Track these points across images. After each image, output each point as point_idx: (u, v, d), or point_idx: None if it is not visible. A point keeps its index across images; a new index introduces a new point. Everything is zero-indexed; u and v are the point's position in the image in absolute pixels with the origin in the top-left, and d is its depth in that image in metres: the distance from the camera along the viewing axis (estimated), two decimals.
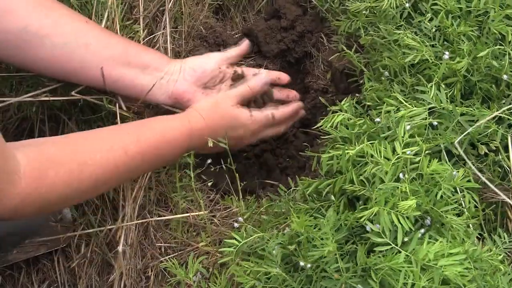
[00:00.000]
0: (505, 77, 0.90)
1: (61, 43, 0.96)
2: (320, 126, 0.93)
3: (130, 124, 1.00)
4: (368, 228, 0.73)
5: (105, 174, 0.87)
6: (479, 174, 0.84)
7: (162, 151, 0.97)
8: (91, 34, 0.99)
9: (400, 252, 0.70)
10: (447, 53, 0.92)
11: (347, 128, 0.90)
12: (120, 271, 1.03)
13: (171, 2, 1.24)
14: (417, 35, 0.96)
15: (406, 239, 0.74)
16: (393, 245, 0.72)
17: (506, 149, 0.87)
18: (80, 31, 0.98)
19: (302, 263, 0.78)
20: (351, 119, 0.91)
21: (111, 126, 0.98)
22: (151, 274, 1.05)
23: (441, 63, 0.91)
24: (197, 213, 1.05)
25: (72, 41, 0.97)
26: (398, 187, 0.76)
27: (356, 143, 0.86)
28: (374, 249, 0.73)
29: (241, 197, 1.05)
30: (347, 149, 0.83)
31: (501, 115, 0.88)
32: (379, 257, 0.72)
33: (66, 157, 0.82)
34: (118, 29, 1.13)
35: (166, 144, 0.97)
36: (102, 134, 0.92)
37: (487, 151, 0.88)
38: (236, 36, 1.36)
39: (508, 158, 0.87)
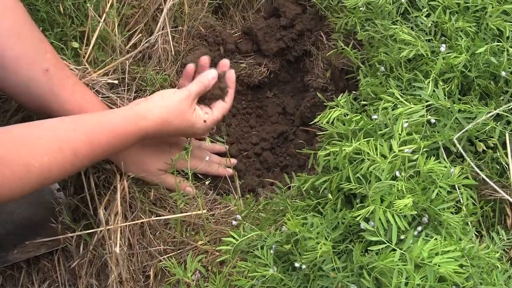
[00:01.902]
0: (503, 73, 0.90)
1: None
2: (318, 122, 0.93)
3: (82, 119, 0.94)
4: (362, 227, 0.73)
5: (52, 173, 0.86)
6: (478, 170, 0.83)
7: (114, 149, 0.95)
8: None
9: (395, 250, 0.69)
10: (444, 45, 0.91)
11: (344, 124, 0.90)
12: (119, 270, 1.03)
13: (171, 1, 1.24)
14: (413, 31, 0.95)
15: (403, 237, 0.73)
16: (388, 244, 0.71)
17: (504, 146, 0.87)
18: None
19: (297, 264, 0.78)
20: (347, 114, 0.91)
21: (61, 119, 0.93)
22: (150, 274, 1.05)
23: (437, 59, 0.91)
24: (195, 212, 1.05)
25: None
26: (394, 185, 0.76)
27: (353, 140, 0.85)
28: (369, 247, 0.73)
29: (240, 195, 1.05)
30: (343, 146, 0.82)
31: (499, 112, 0.87)
32: (375, 254, 0.72)
33: (11, 157, 0.82)
34: (116, 30, 1.14)
35: (119, 143, 0.95)
36: (52, 131, 0.89)
37: (485, 148, 0.87)
38: (236, 34, 1.36)
39: (506, 155, 0.86)
